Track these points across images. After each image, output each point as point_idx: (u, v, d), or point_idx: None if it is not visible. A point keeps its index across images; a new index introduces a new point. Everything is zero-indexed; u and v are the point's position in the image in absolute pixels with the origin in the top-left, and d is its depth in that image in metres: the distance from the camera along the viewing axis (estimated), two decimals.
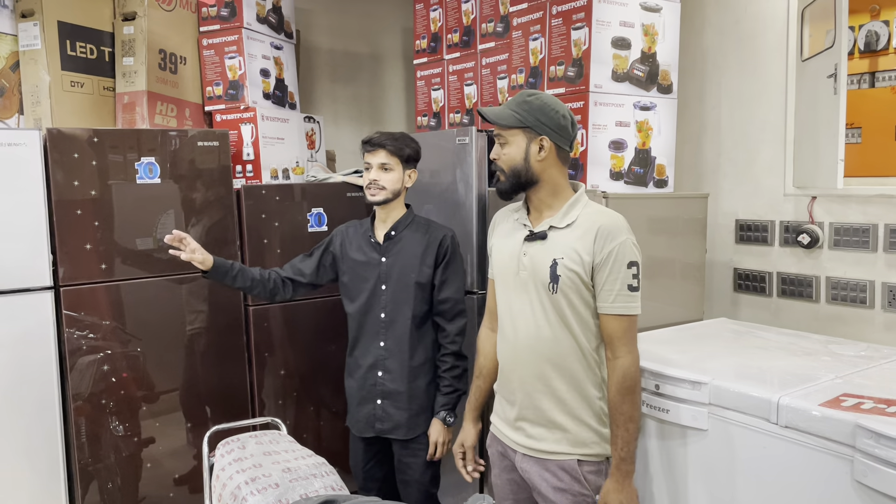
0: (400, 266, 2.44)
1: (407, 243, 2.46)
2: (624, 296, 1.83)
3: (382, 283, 2.45)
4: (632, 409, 1.83)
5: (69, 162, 2.60)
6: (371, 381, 2.49)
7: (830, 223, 2.53)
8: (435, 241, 2.45)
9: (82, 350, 2.65)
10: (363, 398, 2.51)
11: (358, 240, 2.52)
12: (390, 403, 2.47)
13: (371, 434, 2.51)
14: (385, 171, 2.38)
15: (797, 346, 2.23)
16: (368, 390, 2.50)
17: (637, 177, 2.60)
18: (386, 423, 2.48)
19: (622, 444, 1.83)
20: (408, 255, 2.45)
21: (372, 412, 2.49)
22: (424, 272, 2.44)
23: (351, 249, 2.52)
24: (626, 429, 1.83)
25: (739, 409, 1.82)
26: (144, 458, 2.82)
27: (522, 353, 1.96)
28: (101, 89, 3.17)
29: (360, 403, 2.52)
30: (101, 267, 2.69)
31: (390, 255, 2.46)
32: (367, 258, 2.48)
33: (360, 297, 2.49)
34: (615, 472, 1.85)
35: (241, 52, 3.29)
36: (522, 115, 1.88)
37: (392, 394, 2.46)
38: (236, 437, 2.14)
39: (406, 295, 2.44)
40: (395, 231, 2.47)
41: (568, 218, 1.91)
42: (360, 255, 2.50)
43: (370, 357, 2.48)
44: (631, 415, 1.83)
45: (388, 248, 2.46)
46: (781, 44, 2.67)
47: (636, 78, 2.56)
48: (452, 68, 3.39)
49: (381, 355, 2.46)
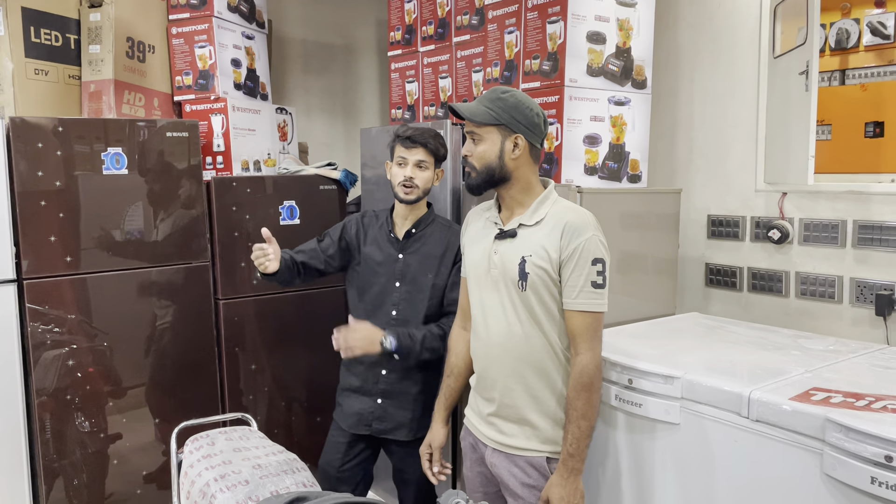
0: (418, 265, 2.39)
1: (427, 242, 2.41)
2: (588, 292, 1.83)
3: (397, 280, 2.40)
4: (586, 406, 1.82)
5: (33, 152, 2.54)
6: (373, 378, 2.41)
7: (800, 219, 2.56)
8: (455, 242, 2.39)
9: (47, 344, 2.59)
10: (361, 395, 2.44)
11: (374, 233, 2.46)
12: (392, 403, 2.41)
13: (363, 432, 2.44)
14: (421, 169, 2.33)
15: (767, 340, 2.25)
16: (370, 387, 2.43)
17: (611, 172, 2.60)
18: (385, 423, 2.42)
19: (571, 440, 1.82)
20: (427, 254, 2.40)
21: (370, 410, 2.42)
22: (443, 273, 2.39)
23: (366, 242, 2.45)
24: (578, 425, 1.82)
25: (711, 403, 1.83)
26: (111, 455, 2.78)
27: (495, 350, 1.96)
28: (66, 77, 3.09)
29: (356, 400, 2.45)
30: (67, 259, 2.63)
31: (408, 252, 2.40)
32: (383, 253, 2.42)
33: (370, 291, 2.42)
34: (561, 468, 1.83)
35: (211, 41, 3.23)
36: (497, 112, 1.86)
37: (395, 393, 2.41)
38: (205, 434, 2.11)
39: (421, 295, 2.38)
40: (417, 229, 2.41)
41: (537, 215, 1.90)
42: (375, 249, 2.43)
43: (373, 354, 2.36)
44: (584, 412, 1.82)
45: (408, 246, 2.41)
46: (754, 40, 2.68)
47: (611, 73, 2.56)
48: (427, 61, 3.36)
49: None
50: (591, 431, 1.85)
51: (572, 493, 1.82)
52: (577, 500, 1.83)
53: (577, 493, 1.83)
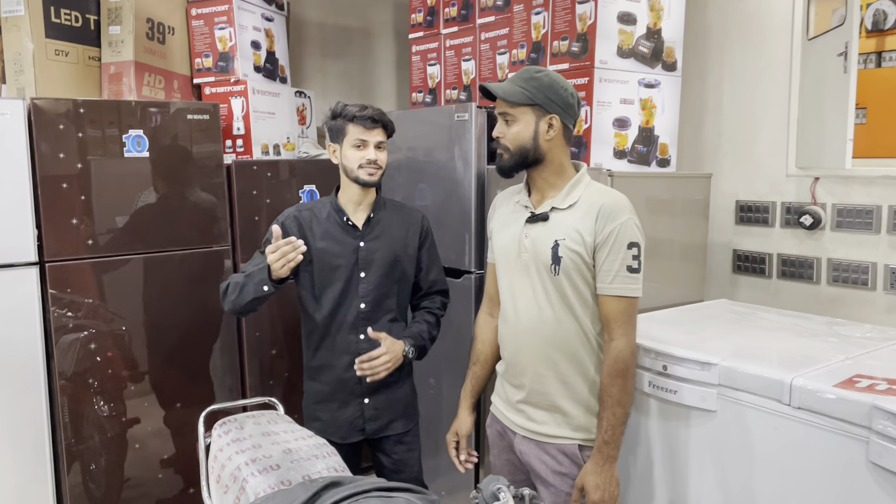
0: (383, 251, 2.24)
1: (387, 226, 2.27)
2: (623, 276, 1.80)
3: (361, 270, 2.22)
4: (621, 392, 1.79)
5: (54, 133, 2.52)
6: (352, 380, 2.23)
7: (833, 204, 2.51)
8: (415, 222, 2.31)
9: (68, 328, 2.58)
10: (343, 401, 2.26)
11: (323, 226, 2.22)
12: (381, 399, 2.27)
13: (358, 438, 2.29)
14: (380, 150, 2.19)
15: (801, 327, 2.21)
16: (350, 390, 2.25)
17: (640, 156, 2.56)
18: (378, 422, 2.28)
19: (606, 427, 1.79)
20: (391, 238, 2.26)
21: (358, 414, 2.27)
22: (410, 254, 2.30)
23: (314, 238, 2.22)
24: (613, 412, 1.79)
25: (750, 390, 1.79)
26: (130, 439, 2.76)
27: (525, 336, 1.92)
28: (86, 59, 3.06)
29: (339, 408, 2.27)
30: (88, 243, 2.61)
31: (369, 239, 2.23)
32: (339, 244, 2.21)
33: (331, 290, 2.22)
34: (596, 455, 1.80)
35: (231, 22, 3.18)
36: (532, 92, 1.82)
37: (381, 388, 2.26)
38: (233, 418, 2.08)
39: (389, 280, 2.26)
40: (375, 213, 2.26)
41: (570, 198, 1.87)
42: (328, 242, 2.22)
43: (347, 354, 2.22)
44: (619, 398, 1.79)
45: (368, 233, 2.24)
46: (786, 22, 2.63)
47: (641, 54, 2.51)
48: (450, 43, 3.31)
49: (362, 349, 2.20)
50: (626, 418, 1.82)
51: (608, 481, 1.79)
52: (613, 487, 1.80)
53: (613, 480, 1.80)
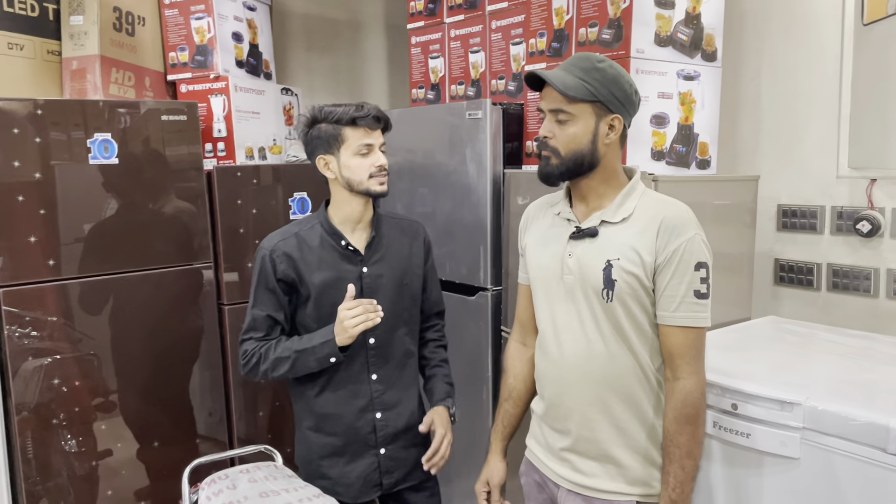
0: (389, 273, 1.94)
1: (389, 244, 1.96)
2: (690, 304, 1.51)
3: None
4: (691, 442, 1.52)
5: (8, 139, 2.21)
6: (366, 428, 1.93)
7: (894, 209, 2.25)
8: (418, 237, 2.02)
9: (27, 356, 2.27)
10: (354, 454, 1.94)
11: (316, 254, 1.90)
12: (399, 446, 1.98)
13: (376, 495, 1.98)
14: (385, 153, 1.88)
15: (878, 351, 1.94)
16: (364, 441, 1.94)
17: (679, 157, 2.28)
18: (397, 473, 1.98)
19: (675, 484, 1.52)
20: (395, 256, 1.96)
21: (374, 467, 1.95)
22: (416, 273, 2.00)
23: (308, 270, 1.89)
24: (682, 466, 1.52)
25: (843, 435, 1.51)
26: (102, 477, 2.45)
27: (571, 373, 1.63)
28: (44, 53, 2.71)
29: (349, 462, 1.94)
30: (49, 263, 2.30)
31: (373, 263, 1.92)
32: (338, 273, 1.89)
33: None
34: None
35: (209, 11, 2.85)
36: (595, 86, 1.51)
37: (400, 434, 1.97)
38: (224, 474, 1.78)
39: (399, 308, 1.95)
40: (377, 232, 1.94)
41: (623, 210, 1.58)
42: (325, 271, 1.89)
43: (360, 399, 1.93)
44: (689, 449, 1.52)
45: (371, 256, 1.92)
46: (836, 6, 2.36)
47: (680, 42, 2.22)
48: (455, 33, 2.99)
49: (375, 391, 1.93)
50: (696, 472, 1.55)
51: None
52: None
53: None
